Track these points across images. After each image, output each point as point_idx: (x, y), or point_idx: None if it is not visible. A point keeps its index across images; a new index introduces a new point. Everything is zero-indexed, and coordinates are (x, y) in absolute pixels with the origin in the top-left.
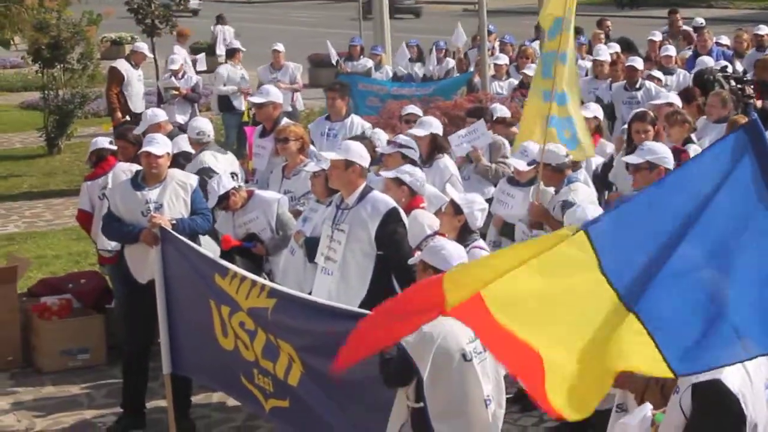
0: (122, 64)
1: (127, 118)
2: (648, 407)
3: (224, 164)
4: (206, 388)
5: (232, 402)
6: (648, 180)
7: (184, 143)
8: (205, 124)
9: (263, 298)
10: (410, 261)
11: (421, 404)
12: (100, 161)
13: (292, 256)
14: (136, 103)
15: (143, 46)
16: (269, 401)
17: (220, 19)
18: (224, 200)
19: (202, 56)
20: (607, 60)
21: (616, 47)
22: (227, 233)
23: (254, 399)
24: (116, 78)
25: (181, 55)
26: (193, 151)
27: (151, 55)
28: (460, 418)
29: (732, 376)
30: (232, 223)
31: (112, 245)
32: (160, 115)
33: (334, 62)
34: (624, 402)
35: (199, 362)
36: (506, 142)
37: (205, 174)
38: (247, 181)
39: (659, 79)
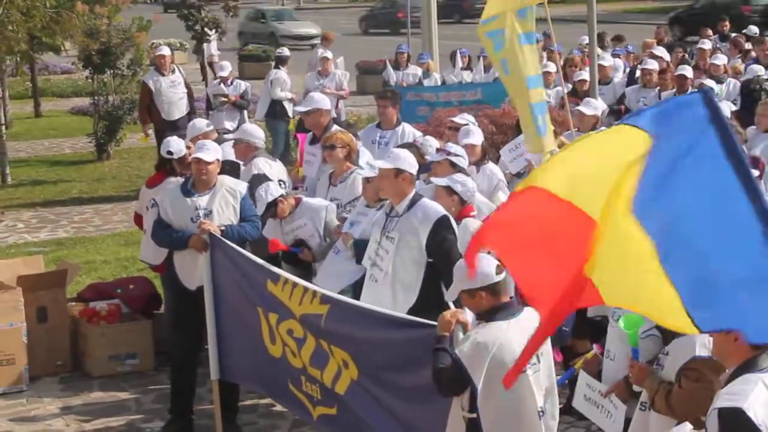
0: (151, 76)
1: (150, 133)
2: (688, 427)
3: (275, 171)
4: (253, 395)
5: (278, 408)
6: None
7: (228, 151)
8: (259, 131)
9: (316, 305)
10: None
11: (475, 415)
12: (162, 167)
13: (335, 255)
14: (170, 112)
15: (164, 50)
16: (317, 408)
17: None
18: (272, 208)
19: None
20: (655, 69)
21: (666, 55)
22: (272, 236)
23: (302, 406)
24: (145, 92)
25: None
26: (236, 160)
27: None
28: (514, 430)
29: (756, 406)
30: (280, 230)
31: (151, 257)
32: (201, 125)
33: (392, 82)
34: (647, 401)
35: (247, 368)
36: (556, 151)
37: (260, 180)
38: (295, 188)
39: (710, 88)
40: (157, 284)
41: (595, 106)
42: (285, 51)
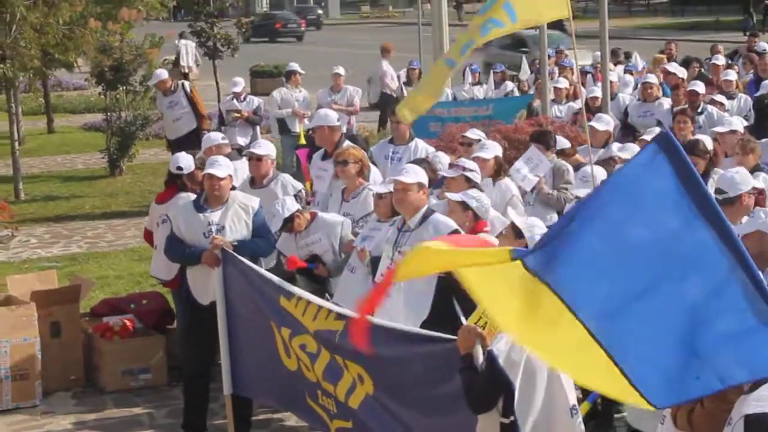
0: (158, 95)
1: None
2: None
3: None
4: (266, 409)
5: (291, 423)
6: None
7: (242, 166)
8: (272, 147)
9: (331, 320)
10: None
11: (512, 418)
12: (172, 183)
13: (352, 274)
14: (170, 131)
15: (161, 73)
16: (334, 422)
17: (182, 35)
18: (289, 223)
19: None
20: (655, 83)
21: (681, 71)
22: (289, 254)
23: (319, 419)
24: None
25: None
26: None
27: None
28: (550, 430)
29: None
30: (295, 244)
31: (163, 273)
32: (215, 138)
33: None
34: (666, 415)
35: (261, 383)
36: (570, 168)
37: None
38: (307, 203)
39: (722, 104)
40: (170, 299)
41: (607, 122)
42: (293, 66)
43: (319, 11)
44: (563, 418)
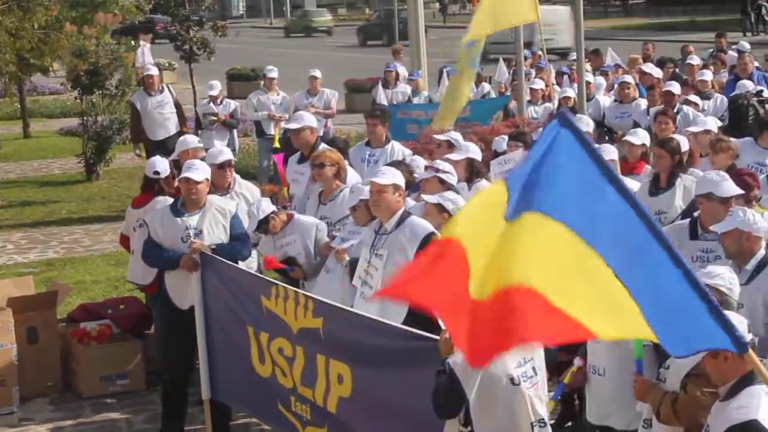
0: (138, 96)
1: (139, 153)
2: None
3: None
4: (245, 415)
5: (270, 428)
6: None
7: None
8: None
9: (309, 318)
10: None
11: (469, 429)
12: (148, 187)
13: (327, 275)
14: (154, 132)
15: (152, 69)
16: (306, 429)
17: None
18: (264, 224)
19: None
20: (632, 83)
21: (657, 72)
22: (266, 252)
23: (291, 427)
24: (133, 113)
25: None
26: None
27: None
28: None
29: (766, 416)
30: (273, 245)
31: (139, 278)
32: (191, 141)
33: (382, 101)
34: (650, 418)
35: (235, 388)
36: None
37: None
38: (284, 208)
39: (696, 104)
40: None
41: (587, 123)
42: (269, 70)
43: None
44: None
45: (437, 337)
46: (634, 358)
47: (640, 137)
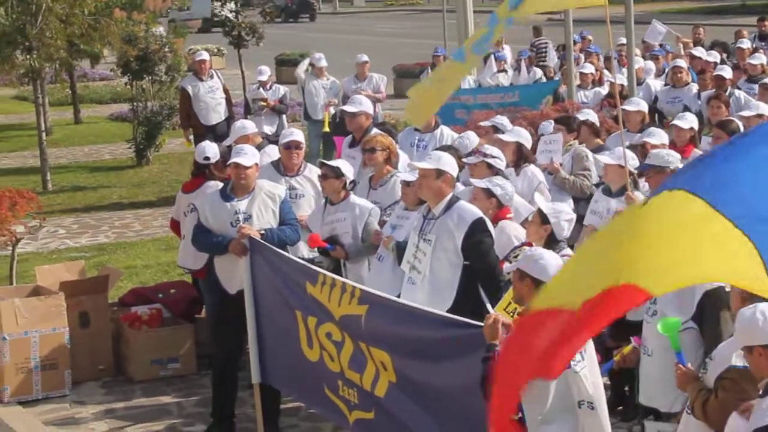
0: (189, 81)
1: (191, 138)
2: None
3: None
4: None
5: None
6: None
7: (273, 154)
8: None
9: (354, 305)
10: (505, 269)
11: (519, 415)
12: (199, 173)
13: (379, 262)
14: (207, 117)
15: (203, 54)
16: (353, 413)
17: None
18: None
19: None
20: (684, 68)
21: (705, 55)
22: (315, 229)
23: (338, 411)
24: (184, 97)
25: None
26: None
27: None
28: (555, 425)
29: None
30: (322, 219)
31: (190, 263)
32: (249, 126)
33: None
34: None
35: (284, 372)
36: (589, 154)
37: None
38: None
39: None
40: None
41: (638, 103)
42: (317, 59)
43: None
44: (572, 416)
45: (482, 324)
46: (673, 350)
47: (689, 121)
